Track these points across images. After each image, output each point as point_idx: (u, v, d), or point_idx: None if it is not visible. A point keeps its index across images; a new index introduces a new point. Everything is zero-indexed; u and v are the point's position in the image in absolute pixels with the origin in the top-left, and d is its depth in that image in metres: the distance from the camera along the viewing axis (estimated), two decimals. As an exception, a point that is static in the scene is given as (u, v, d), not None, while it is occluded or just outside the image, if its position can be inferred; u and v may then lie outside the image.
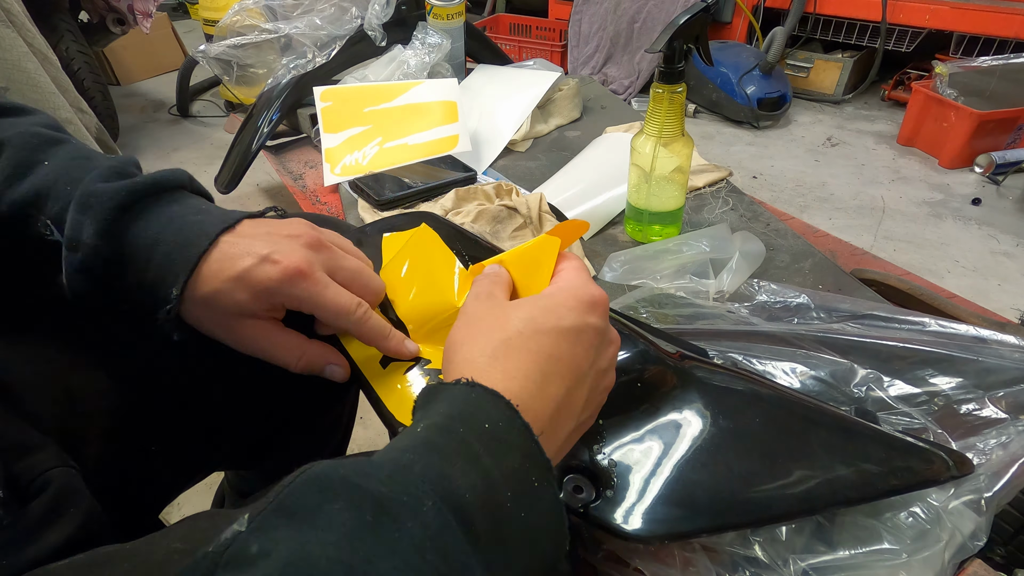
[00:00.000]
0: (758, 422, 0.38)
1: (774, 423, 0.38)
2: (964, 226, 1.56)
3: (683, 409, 0.38)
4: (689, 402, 0.38)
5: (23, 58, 0.93)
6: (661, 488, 0.34)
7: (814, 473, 0.36)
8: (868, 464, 0.37)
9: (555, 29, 2.48)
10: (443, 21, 1.08)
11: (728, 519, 0.35)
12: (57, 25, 1.78)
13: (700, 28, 0.63)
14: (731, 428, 0.37)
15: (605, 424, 0.37)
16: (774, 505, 0.35)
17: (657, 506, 0.34)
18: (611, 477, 0.35)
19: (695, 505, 0.34)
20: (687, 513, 0.34)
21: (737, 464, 0.36)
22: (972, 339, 0.47)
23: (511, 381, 0.28)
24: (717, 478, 0.35)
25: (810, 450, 0.37)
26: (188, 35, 2.94)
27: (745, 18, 2.25)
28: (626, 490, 0.34)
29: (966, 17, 1.92)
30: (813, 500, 0.36)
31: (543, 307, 0.32)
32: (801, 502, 0.35)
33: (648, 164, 0.67)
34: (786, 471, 0.36)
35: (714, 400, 0.38)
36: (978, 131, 1.74)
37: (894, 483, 0.37)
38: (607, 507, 0.34)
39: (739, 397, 0.40)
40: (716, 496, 0.35)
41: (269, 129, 1.07)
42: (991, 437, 0.41)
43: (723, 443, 0.37)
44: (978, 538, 0.36)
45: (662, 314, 0.56)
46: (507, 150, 0.98)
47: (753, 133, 2.08)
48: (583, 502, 0.34)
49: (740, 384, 0.41)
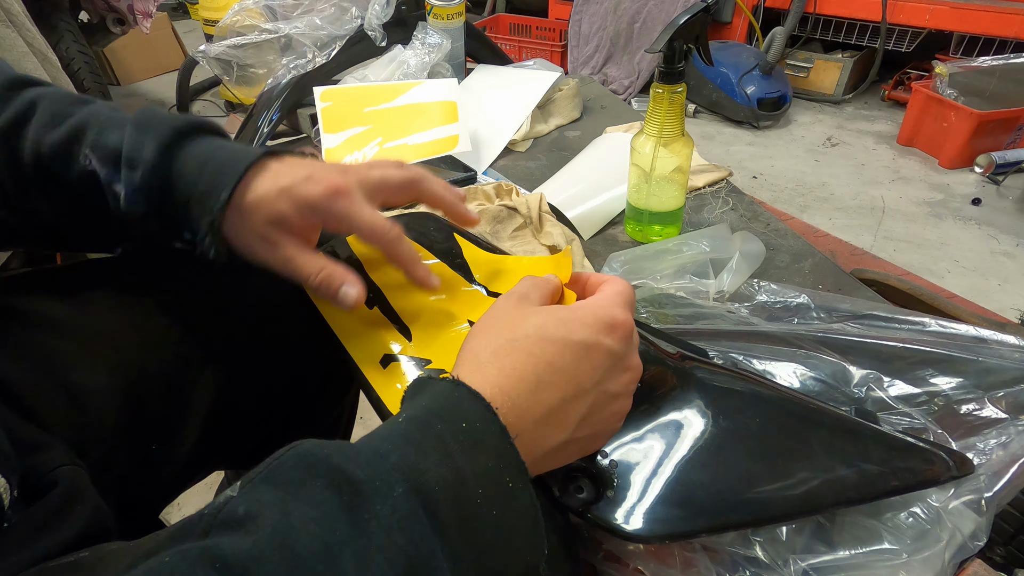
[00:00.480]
0: (758, 422, 0.38)
1: (775, 423, 0.38)
2: (964, 226, 1.56)
3: (684, 409, 0.38)
4: (690, 402, 0.38)
5: (23, 58, 0.93)
6: (662, 488, 0.34)
7: (815, 473, 0.36)
8: (869, 464, 0.37)
9: (555, 29, 2.48)
10: (443, 21, 1.08)
11: (729, 519, 0.35)
12: (57, 25, 1.78)
13: (700, 28, 0.63)
14: (732, 428, 0.37)
15: None
16: (775, 505, 0.35)
17: (658, 506, 0.34)
18: (612, 477, 0.35)
19: (696, 505, 0.34)
20: (688, 513, 0.34)
21: (738, 464, 0.36)
22: (972, 339, 0.47)
23: (505, 379, 0.29)
24: (718, 478, 0.35)
25: (810, 450, 0.37)
26: (188, 35, 2.94)
27: (745, 18, 2.25)
28: (627, 490, 0.34)
29: (966, 17, 1.92)
30: (814, 500, 0.36)
31: (559, 317, 0.32)
32: (802, 502, 0.35)
33: (648, 164, 0.67)
34: (787, 471, 0.36)
35: (715, 400, 0.38)
36: (978, 131, 1.74)
37: (895, 483, 0.37)
38: (608, 507, 0.34)
39: (740, 397, 0.39)
40: (717, 496, 0.35)
41: (269, 129, 1.07)
42: (991, 437, 0.41)
43: (724, 443, 0.37)
44: (978, 538, 0.36)
45: (662, 314, 0.56)
46: (507, 150, 0.98)
47: (753, 133, 2.08)
48: (584, 502, 0.34)
49: (741, 384, 0.41)
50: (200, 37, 2.29)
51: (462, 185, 0.89)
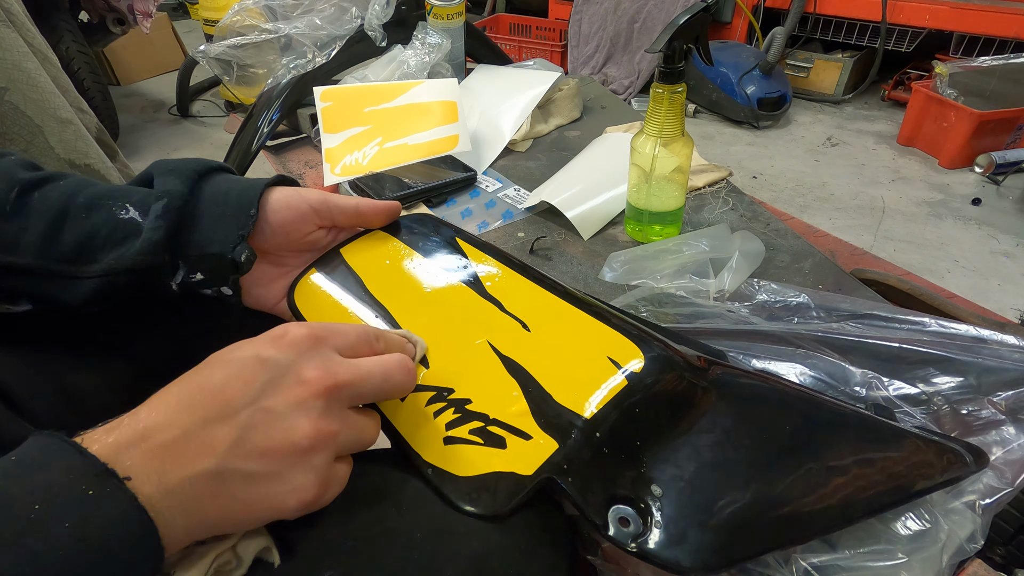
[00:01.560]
0: (794, 433, 0.36)
1: (808, 432, 0.37)
2: (964, 226, 1.56)
3: (721, 426, 0.36)
4: (726, 417, 0.36)
5: (23, 58, 0.93)
6: (711, 513, 0.32)
7: (849, 483, 0.35)
8: (897, 467, 0.36)
9: (555, 29, 2.48)
10: (443, 21, 1.08)
11: (776, 540, 0.33)
12: (57, 25, 1.78)
13: (700, 28, 0.63)
14: (769, 442, 0.36)
15: (643, 448, 0.34)
16: (817, 521, 0.34)
17: (708, 534, 0.31)
18: (657, 505, 0.32)
19: (745, 528, 0.32)
20: (739, 539, 0.32)
21: (780, 481, 0.34)
22: (972, 339, 0.47)
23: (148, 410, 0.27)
24: (761, 497, 0.34)
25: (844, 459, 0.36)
26: (188, 35, 2.94)
27: (745, 18, 2.25)
28: (674, 519, 0.32)
29: (966, 17, 1.92)
30: (850, 511, 0.35)
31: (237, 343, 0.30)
32: (840, 514, 0.34)
33: (648, 164, 0.67)
34: (825, 484, 0.35)
35: (749, 413, 0.37)
36: (978, 131, 1.74)
37: (921, 485, 0.36)
38: (659, 539, 0.31)
39: (770, 406, 0.38)
40: (766, 516, 0.33)
41: (269, 129, 1.07)
42: (991, 438, 0.41)
43: (763, 459, 0.35)
44: (975, 540, 0.36)
45: (662, 313, 0.57)
46: (507, 150, 0.98)
47: (753, 133, 2.08)
48: (632, 536, 0.31)
49: (768, 391, 0.39)
50: (200, 37, 2.29)
51: (462, 185, 0.89)
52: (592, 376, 0.36)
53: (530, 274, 0.43)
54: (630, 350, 0.37)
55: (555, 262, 0.72)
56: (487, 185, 0.90)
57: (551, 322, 0.39)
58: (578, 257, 0.73)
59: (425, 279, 0.43)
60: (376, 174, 0.87)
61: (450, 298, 0.41)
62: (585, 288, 0.67)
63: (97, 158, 1.01)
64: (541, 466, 0.33)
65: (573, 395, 0.35)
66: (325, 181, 0.88)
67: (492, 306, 0.41)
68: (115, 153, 1.12)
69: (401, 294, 0.42)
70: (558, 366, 0.37)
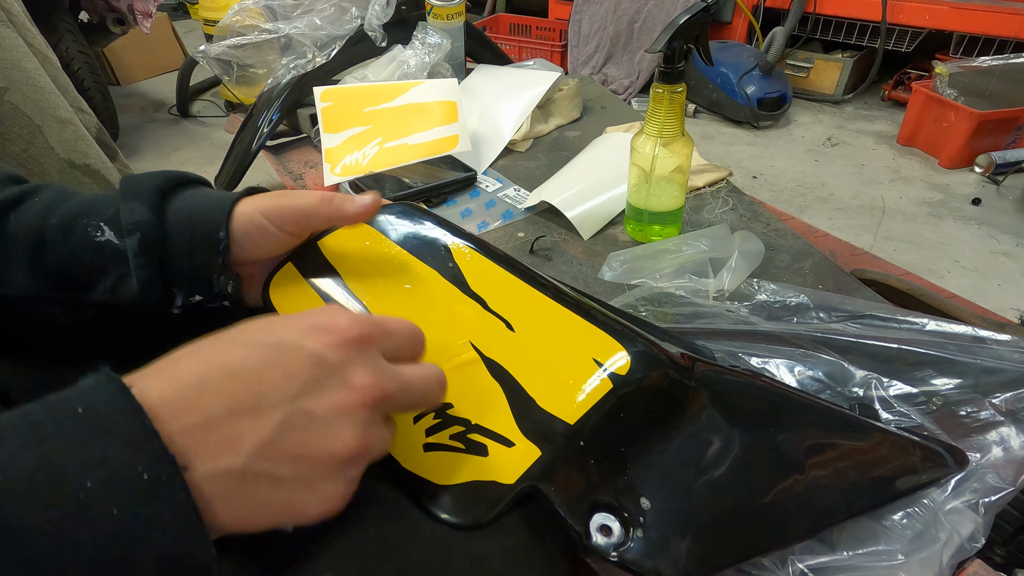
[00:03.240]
0: (778, 434, 0.36)
1: (792, 434, 0.37)
2: (964, 226, 1.56)
3: (705, 429, 0.35)
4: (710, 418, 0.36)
5: (23, 58, 0.93)
6: (693, 520, 0.32)
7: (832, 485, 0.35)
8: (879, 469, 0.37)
9: (555, 29, 2.48)
10: (443, 21, 1.08)
11: (760, 544, 0.33)
12: (57, 25, 1.78)
13: (700, 28, 0.63)
14: (754, 444, 0.35)
15: (627, 454, 0.34)
16: (800, 524, 0.34)
17: (691, 541, 0.31)
18: (640, 513, 0.31)
19: (730, 533, 0.32)
20: (723, 545, 0.32)
21: (765, 485, 0.34)
22: (972, 339, 0.47)
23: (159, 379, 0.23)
24: (745, 503, 0.33)
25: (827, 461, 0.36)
26: (188, 35, 2.94)
27: (745, 18, 2.25)
28: (658, 527, 0.31)
29: (966, 17, 1.92)
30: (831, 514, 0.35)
31: (266, 321, 0.27)
32: (821, 518, 0.34)
33: (648, 164, 0.67)
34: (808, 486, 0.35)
35: (733, 414, 0.36)
36: (978, 131, 1.74)
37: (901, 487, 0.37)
38: (641, 548, 0.30)
39: (755, 406, 0.38)
40: (748, 522, 0.33)
41: (269, 129, 1.07)
42: (990, 438, 0.41)
43: (745, 464, 0.35)
44: (976, 540, 0.36)
45: (662, 312, 0.57)
46: (507, 150, 0.99)
47: (753, 133, 2.08)
48: (615, 546, 0.30)
49: (753, 390, 0.39)
50: (200, 37, 2.29)
51: (462, 185, 0.89)
52: (576, 380, 0.35)
53: (515, 268, 0.41)
54: (615, 350, 0.36)
55: (555, 262, 0.72)
56: (487, 185, 0.90)
57: (535, 321, 0.38)
58: (578, 257, 0.73)
59: (406, 274, 0.41)
60: (376, 174, 0.87)
61: (432, 294, 0.39)
62: (585, 288, 0.67)
63: (97, 158, 1.01)
64: (523, 474, 0.32)
65: (556, 400, 0.34)
66: (325, 181, 0.88)
67: (476, 304, 0.39)
68: (115, 153, 1.12)
69: (381, 289, 0.40)
70: (542, 369, 0.36)
